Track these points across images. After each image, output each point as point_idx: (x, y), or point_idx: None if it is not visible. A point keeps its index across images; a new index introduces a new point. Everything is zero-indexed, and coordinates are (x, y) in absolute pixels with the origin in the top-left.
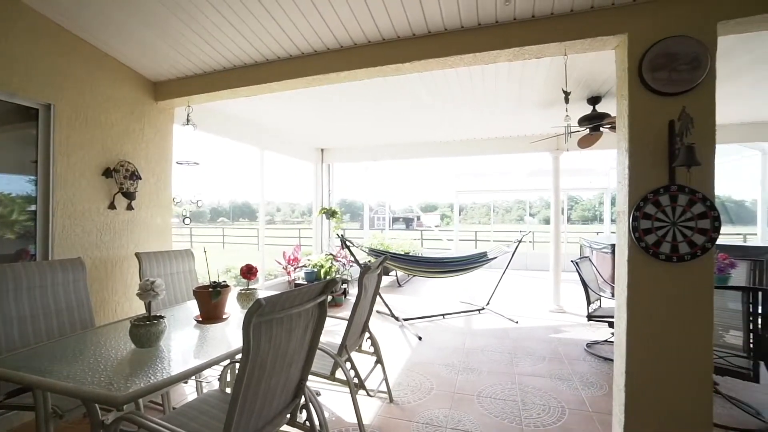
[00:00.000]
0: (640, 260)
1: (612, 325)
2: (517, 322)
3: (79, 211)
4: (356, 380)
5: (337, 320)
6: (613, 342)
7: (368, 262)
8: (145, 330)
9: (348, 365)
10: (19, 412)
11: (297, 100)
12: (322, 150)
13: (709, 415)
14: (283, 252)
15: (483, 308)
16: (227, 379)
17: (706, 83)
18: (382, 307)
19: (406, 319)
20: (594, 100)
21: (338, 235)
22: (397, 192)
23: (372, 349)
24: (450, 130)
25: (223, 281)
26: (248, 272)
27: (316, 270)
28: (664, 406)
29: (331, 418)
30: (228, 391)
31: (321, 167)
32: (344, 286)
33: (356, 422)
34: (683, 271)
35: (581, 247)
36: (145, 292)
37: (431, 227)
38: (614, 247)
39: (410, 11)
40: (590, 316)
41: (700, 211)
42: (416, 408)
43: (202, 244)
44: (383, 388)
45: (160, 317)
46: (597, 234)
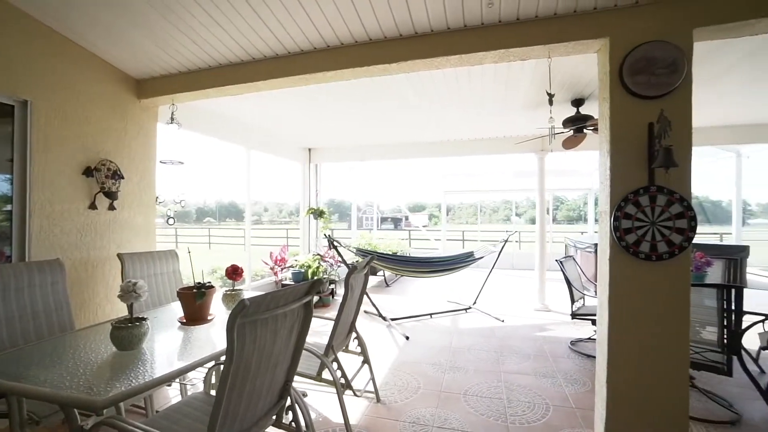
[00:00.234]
0: (621, 259)
1: (595, 322)
2: (503, 321)
3: (57, 211)
4: (343, 380)
5: (324, 321)
6: (596, 339)
7: (356, 262)
8: (127, 332)
9: (335, 365)
10: None
11: (284, 100)
12: (309, 150)
13: (685, 409)
14: (270, 252)
15: (470, 307)
16: (212, 381)
17: (683, 87)
18: (370, 307)
19: (393, 319)
20: (578, 102)
21: (326, 235)
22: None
23: (359, 349)
24: (437, 131)
25: (208, 282)
26: (233, 273)
27: (303, 270)
28: (643, 401)
29: (318, 418)
30: (213, 393)
31: (308, 167)
32: (332, 287)
33: (343, 422)
34: (662, 269)
35: (566, 246)
36: (127, 293)
37: (419, 227)
38: (597, 246)
39: (396, 12)
40: (574, 315)
41: (677, 211)
42: (403, 407)
43: (188, 245)
44: (370, 388)
45: (142, 319)
46: (581, 234)
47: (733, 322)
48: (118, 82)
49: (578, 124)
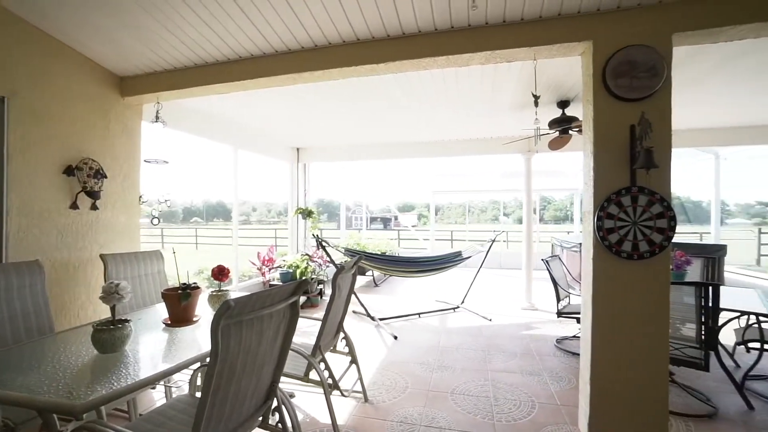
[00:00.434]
0: (604, 258)
1: (579, 320)
2: (490, 320)
3: (36, 211)
4: (330, 381)
5: (312, 321)
6: (580, 337)
7: (344, 262)
8: (109, 335)
9: (322, 366)
10: None
11: (272, 99)
12: (297, 149)
13: (665, 404)
14: (258, 252)
15: (458, 307)
16: (197, 383)
17: (663, 90)
18: (359, 307)
19: (382, 319)
20: (563, 104)
21: (314, 235)
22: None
23: (347, 350)
24: (426, 131)
25: (194, 283)
26: (219, 273)
27: (291, 271)
28: (625, 397)
29: (306, 419)
30: (198, 395)
31: (297, 166)
32: (320, 287)
33: (331, 423)
34: (643, 268)
35: (552, 246)
36: (109, 295)
37: (408, 227)
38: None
39: (384, 12)
40: (560, 313)
41: (658, 211)
42: (391, 407)
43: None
44: (358, 388)
45: (125, 321)
46: (568, 233)
47: (710, 318)
48: (101, 79)
49: (564, 125)
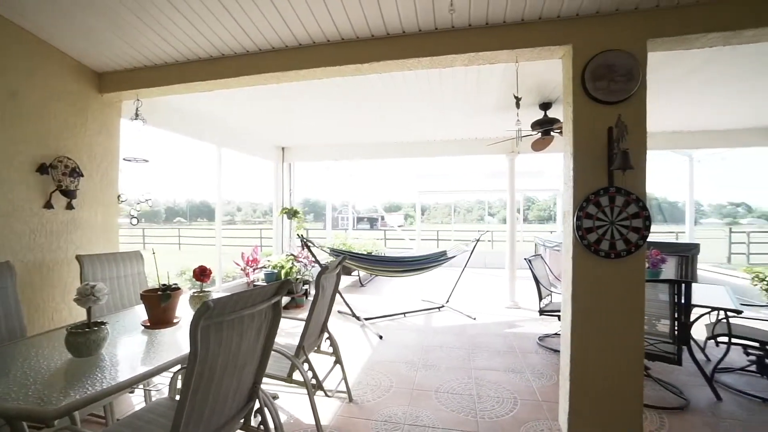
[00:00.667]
0: (584, 257)
1: (561, 318)
2: (475, 319)
3: (7, 211)
4: (314, 381)
5: (297, 322)
6: (560, 334)
7: (329, 262)
8: (84, 338)
9: (306, 366)
10: None
11: (256, 97)
12: (282, 148)
13: (640, 398)
14: (242, 253)
15: (443, 306)
16: (177, 386)
17: (638, 94)
18: (344, 308)
19: (367, 319)
20: (545, 106)
21: (299, 235)
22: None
23: (331, 350)
24: (411, 131)
25: (174, 284)
26: (201, 274)
27: (276, 271)
28: (603, 392)
29: (290, 420)
30: (178, 398)
31: (282, 166)
32: (305, 287)
33: (314, 424)
34: (620, 266)
35: (535, 245)
36: (84, 297)
37: (394, 227)
38: None
39: (368, 11)
40: (542, 311)
41: (634, 211)
42: (375, 406)
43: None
44: (343, 388)
45: (101, 323)
46: (551, 233)
47: (682, 314)
48: (77, 74)
49: (546, 126)
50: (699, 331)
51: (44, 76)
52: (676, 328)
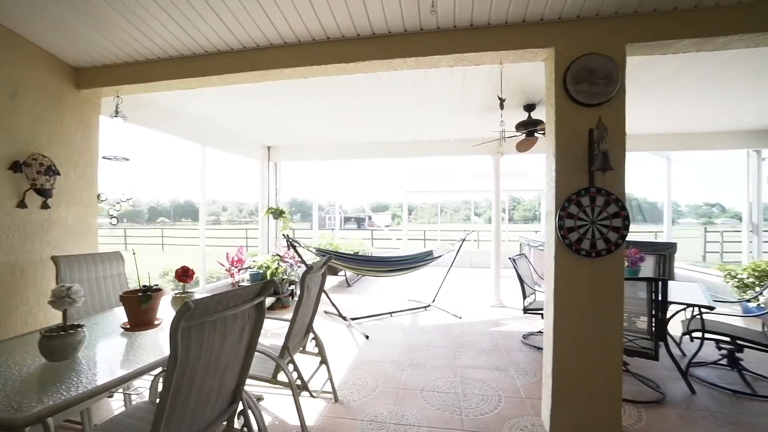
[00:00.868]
0: (565, 256)
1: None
2: (460, 318)
3: None
4: (299, 382)
5: (282, 322)
6: (543, 332)
7: (315, 262)
8: (59, 341)
9: (291, 367)
10: None
11: (241, 95)
12: (268, 147)
13: (619, 393)
14: (227, 253)
15: (429, 305)
16: (158, 389)
17: (617, 97)
18: (330, 308)
19: (353, 319)
20: (529, 107)
21: (284, 235)
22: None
23: (317, 350)
24: (398, 131)
25: (155, 285)
26: (183, 275)
27: (262, 271)
28: (583, 387)
29: (274, 422)
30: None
31: (267, 165)
32: (291, 288)
33: (299, 425)
34: (600, 265)
35: (520, 245)
36: (60, 299)
37: (381, 227)
38: None
39: (354, 11)
40: (526, 309)
41: (613, 211)
42: (361, 406)
43: (139, 246)
44: (328, 389)
45: (77, 326)
46: (536, 232)
47: (659, 311)
48: (53, 69)
49: (530, 128)
50: (675, 328)
51: (13, 68)
52: (654, 324)
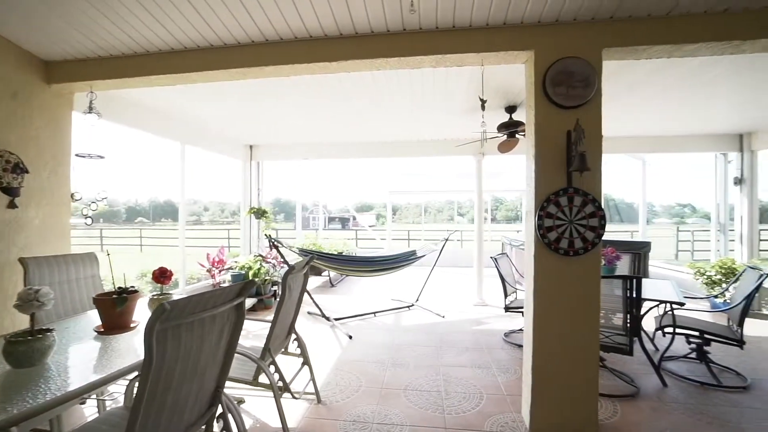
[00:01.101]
0: (544, 255)
1: None
2: (443, 317)
3: None
4: (281, 383)
5: (265, 323)
6: (523, 329)
7: (297, 262)
8: (26, 346)
9: (272, 369)
10: None
11: (222, 93)
12: (251, 147)
13: (595, 388)
14: (207, 254)
15: (413, 305)
16: (134, 394)
17: (594, 100)
18: (314, 308)
19: (337, 319)
20: (511, 109)
21: (267, 235)
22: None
23: (299, 351)
24: (381, 132)
25: (131, 286)
26: (161, 276)
27: (244, 272)
28: (562, 383)
29: (256, 425)
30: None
31: (250, 165)
32: (274, 288)
33: (281, 427)
34: (577, 263)
35: (502, 244)
36: (26, 302)
37: (365, 227)
38: None
39: (336, 10)
40: (507, 308)
41: (590, 210)
42: (344, 407)
43: (115, 247)
44: (311, 390)
45: (46, 331)
46: (518, 232)
47: (634, 308)
48: (20, 62)
49: (511, 129)
50: (649, 324)
51: None
52: (629, 321)
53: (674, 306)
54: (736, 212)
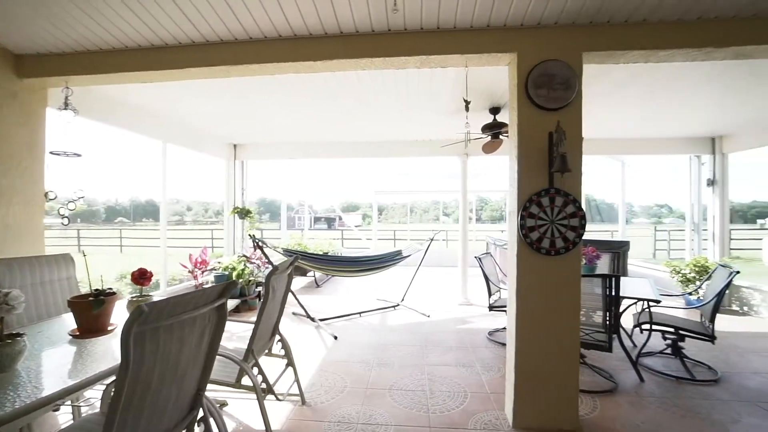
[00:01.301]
0: (527, 254)
1: None
2: (429, 316)
3: None
4: (264, 385)
5: (249, 325)
6: (506, 328)
7: (281, 262)
8: None
9: (255, 371)
10: None
11: (206, 90)
12: (234, 146)
13: (576, 384)
14: (189, 254)
15: (398, 304)
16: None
17: (575, 102)
18: (299, 309)
19: (322, 319)
20: (495, 111)
21: (251, 235)
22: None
23: (283, 352)
24: (367, 132)
25: (109, 288)
26: (141, 277)
27: (227, 273)
28: (543, 380)
29: (239, 427)
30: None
31: (234, 164)
32: (258, 289)
33: (264, 429)
34: (559, 263)
35: (487, 244)
36: None
37: (351, 227)
38: None
39: (321, 8)
40: (491, 307)
41: (571, 211)
42: (328, 408)
43: (95, 248)
44: (295, 391)
45: (16, 335)
46: (502, 232)
47: (613, 305)
48: None
49: (495, 130)
50: (627, 321)
51: None
52: (608, 318)
53: (651, 303)
54: (709, 212)
